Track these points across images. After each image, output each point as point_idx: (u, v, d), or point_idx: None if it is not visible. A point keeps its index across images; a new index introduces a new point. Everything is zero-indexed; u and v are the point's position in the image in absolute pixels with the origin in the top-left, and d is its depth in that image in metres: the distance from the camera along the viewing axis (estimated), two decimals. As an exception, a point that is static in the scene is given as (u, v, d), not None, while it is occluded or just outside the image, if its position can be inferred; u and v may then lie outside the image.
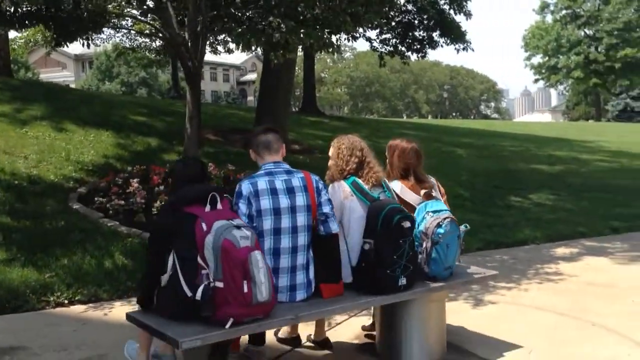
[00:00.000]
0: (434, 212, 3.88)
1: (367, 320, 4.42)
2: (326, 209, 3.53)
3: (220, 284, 2.91)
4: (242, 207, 3.36)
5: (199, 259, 2.99)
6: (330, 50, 7.70)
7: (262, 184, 3.41)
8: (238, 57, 61.94)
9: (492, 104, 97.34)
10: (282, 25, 6.00)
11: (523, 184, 11.48)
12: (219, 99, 64.07)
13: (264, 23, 6.25)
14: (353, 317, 4.63)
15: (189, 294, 2.98)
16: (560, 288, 5.56)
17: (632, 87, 51.64)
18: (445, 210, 3.97)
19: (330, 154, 3.91)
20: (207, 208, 3.08)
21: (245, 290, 2.90)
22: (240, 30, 6.58)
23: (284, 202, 3.39)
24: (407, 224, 3.57)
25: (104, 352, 4.03)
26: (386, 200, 3.71)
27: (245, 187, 3.39)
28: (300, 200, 3.43)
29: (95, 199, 7.29)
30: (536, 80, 58.45)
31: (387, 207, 3.59)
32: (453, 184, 10.66)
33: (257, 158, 3.61)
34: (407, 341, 3.80)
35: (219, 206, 3.13)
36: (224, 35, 9.68)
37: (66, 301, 5.08)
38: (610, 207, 9.63)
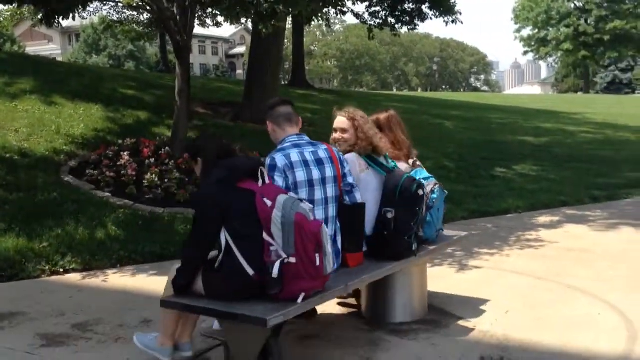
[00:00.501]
0: (424, 179, 4.08)
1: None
2: (350, 179, 3.60)
3: (293, 260, 2.85)
4: (279, 180, 3.28)
5: (265, 236, 2.91)
6: (320, 16, 7.70)
7: (295, 155, 3.36)
8: (227, 30, 61.35)
9: (482, 77, 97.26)
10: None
11: (509, 156, 11.67)
12: (208, 72, 63.57)
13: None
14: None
15: (251, 272, 2.91)
16: (540, 254, 5.77)
17: (621, 60, 51.86)
18: (431, 176, 4.17)
19: (345, 126, 3.83)
20: (260, 182, 3.02)
21: (318, 263, 2.89)
22: (228, 3, 6.62)
23: (315, 173, 3.39)
24: (421, 192, 3.74)
25: (100, 316, 4.18)
26: (399, 171, 3.84)
27: (280, 159, 3.33)
28: (329, 171, 3.46)
29: (87, 171, 7.40)
30: (525, 53, 58.50)
31: (404, 177, 3.73)
32: (440, 155, 10.86)
33: (276, 130, 3.52)
34: (391, 304, 3.99)
35: (267, 180, 3.08)
36: (211, 9, 9.64)
37: (61, 270, 5.23)
38: (592, 177, 9.86)
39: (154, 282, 4.94)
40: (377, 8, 20.23)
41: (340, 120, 3.87)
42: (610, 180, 9.62)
